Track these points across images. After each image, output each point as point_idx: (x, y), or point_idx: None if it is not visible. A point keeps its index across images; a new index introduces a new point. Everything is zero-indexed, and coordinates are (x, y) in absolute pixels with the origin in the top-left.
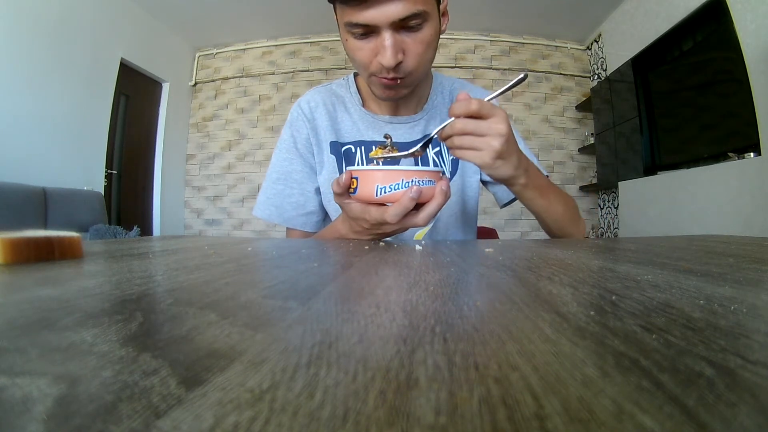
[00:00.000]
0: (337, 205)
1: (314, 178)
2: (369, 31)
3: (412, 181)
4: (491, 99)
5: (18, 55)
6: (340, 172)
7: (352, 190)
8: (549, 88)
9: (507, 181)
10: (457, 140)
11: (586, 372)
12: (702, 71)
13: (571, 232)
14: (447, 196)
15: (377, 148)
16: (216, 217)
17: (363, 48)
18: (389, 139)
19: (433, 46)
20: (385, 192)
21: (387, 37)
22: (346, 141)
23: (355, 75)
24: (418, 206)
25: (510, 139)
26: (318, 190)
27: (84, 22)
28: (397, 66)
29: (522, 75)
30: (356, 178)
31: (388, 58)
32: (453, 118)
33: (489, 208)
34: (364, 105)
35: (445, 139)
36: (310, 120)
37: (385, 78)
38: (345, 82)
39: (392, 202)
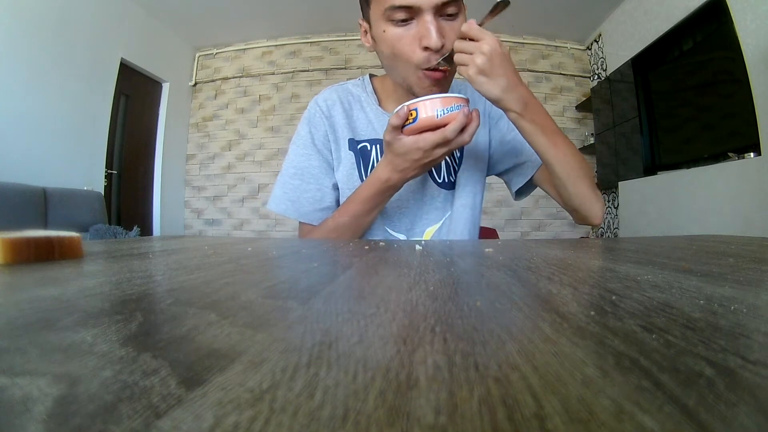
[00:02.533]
0: (385, 143)
1: (331, 174)
2: (410, 16)
3: (460, 105)
4: (479, 24)
5: (18, 55)
6: (359, 168)
7: (410, 121)
8: (549, 88)
9: (499, 105)
10: (455, 56)
11: (586, 372)
12: (702, 71)
13: (590, 196)
14: (479, 119)
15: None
16: (216, 217)
17: (404, 36)
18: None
19: None
20: (444, 113)
21: (430, 20)
22: (362, 139)
23: (371, 77)
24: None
25: (495, 60)
26: (335, 186)
27: (84, 22)
28: (441, 49)
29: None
30: (415, 110)
31: (434, 39)
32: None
33: (489, 208)
34: (380, 105)
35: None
36: (327, 117)
37: (436, 69)
38: (361, 82)
39: (446, 123)
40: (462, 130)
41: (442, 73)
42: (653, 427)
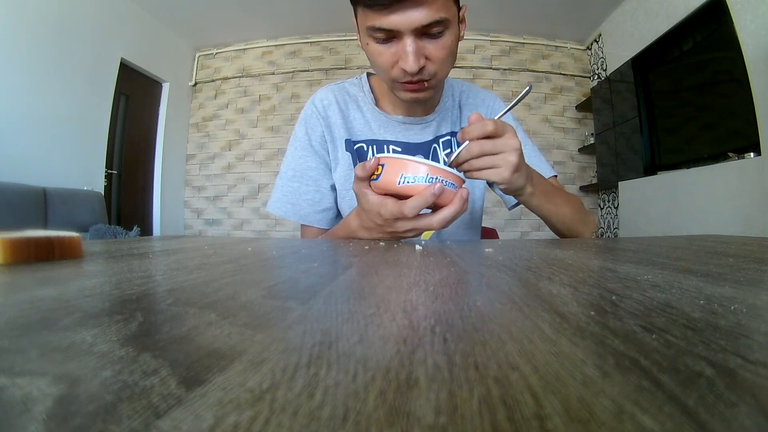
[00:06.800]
0: (355, 194)
1: (329, 174)
2: (391, 36)
3: (437, 178)
4: (501, 116)
5: (18, 55)
6: None
7: (375, 176)
8: (549, 88)
9: (517, 192)
10: (476, 162)
11: (586, 372)
12: (702, 71)
13: (580, 231)
14: (465, 205)
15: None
16: (216, 217)
17: (384, 53)
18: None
19: (453, 52)
20: (407, 182)
21: (409, 43)
22: (359, 139)
23: (368, 75)
24: (435, 209)
25: (521, 152)
26: (333, 187)
27: (84, 22)
28: (420, 71)
29: (528, 88)
30: (382, 165)
31: (410, 64)
32: (467, 142)
33: (489, 208)
34: (377, 104)
35: (460, 163)
36: (324, 117)
37: (409, 82)
38: (358, 81)
39: (411, 195)
40: (436, 209)
41: (420, 85)
42: (653, 427)
